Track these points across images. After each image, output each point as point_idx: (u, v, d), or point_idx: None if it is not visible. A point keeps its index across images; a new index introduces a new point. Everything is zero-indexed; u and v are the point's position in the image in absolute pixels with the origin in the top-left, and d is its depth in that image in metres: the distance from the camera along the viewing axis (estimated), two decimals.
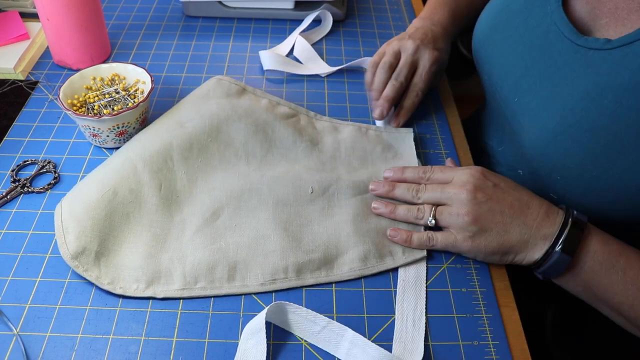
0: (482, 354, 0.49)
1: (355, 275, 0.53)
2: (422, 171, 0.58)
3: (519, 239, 0.51)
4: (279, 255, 0.53)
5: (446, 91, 0.78)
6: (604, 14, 0.53)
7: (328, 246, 0.54)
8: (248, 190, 0.58)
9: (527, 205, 0.51)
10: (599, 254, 0.49)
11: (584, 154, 0.52)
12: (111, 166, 0.57)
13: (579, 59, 0.52)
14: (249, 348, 0.47)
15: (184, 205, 0.57)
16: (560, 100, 0.54)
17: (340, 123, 0.69)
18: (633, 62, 0.48)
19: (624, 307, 0.49)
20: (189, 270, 0.52)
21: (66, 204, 0.54)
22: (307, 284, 0.53)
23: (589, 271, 0.49)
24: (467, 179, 0.53)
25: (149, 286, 0.51)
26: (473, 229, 0.51)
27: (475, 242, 0.52)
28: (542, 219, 0.51)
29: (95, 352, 0.47)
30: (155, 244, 0.53)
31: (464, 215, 0.51)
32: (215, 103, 0.65)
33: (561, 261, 0.49)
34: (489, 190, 0.52)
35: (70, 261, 0.51)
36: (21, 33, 0.79)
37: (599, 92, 0.50)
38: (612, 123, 0.49)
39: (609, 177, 0.51)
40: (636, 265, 0.49)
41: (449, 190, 0.54)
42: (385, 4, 0.97)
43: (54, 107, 0.70)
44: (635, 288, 0.48)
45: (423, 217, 0.55)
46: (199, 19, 0.89)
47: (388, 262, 0.54)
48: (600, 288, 0.49)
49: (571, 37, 0.53)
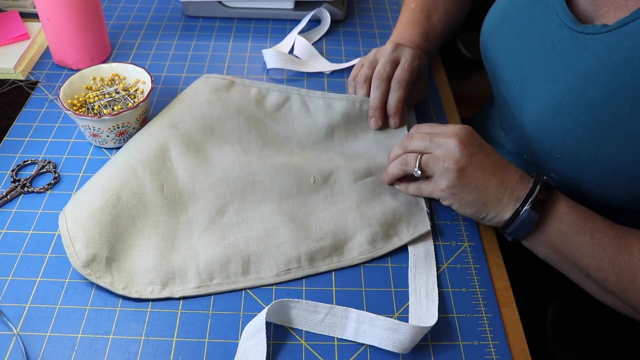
0: (482, 354, 0.49)
1: (366, 258, 0.55)
2: (413, 129, 0.60)
3: (494, 197, 0.52)
4: (291, 246, 0.54)
5: (446, 91, 0.79)
6: (604, 3, 0.55)
7: (336, 233, 0.56)
8: (251, 184, 0.58)
9: (505, 167, 0.53)
10: (567, 216, 0.51)
11: (582, 131, 0.53)
12: (110, 172, 0.57)
13: (577, 43, 0.54)
14: (249, 348, 0.47)
15: (188, 204, 0.57)
16: (559, 82, 0.55)
17: (334, 97, 0.69)
18: (627, 41, 0.49)
19: (591, 269, 0.51)
20: (203, 267, 0.52)
21: (69, 213, 0.53)
22: (320, 271, 0.54)
23: (558, 232, 0.51)
24: (456, 132, 0.55)
25: (165, 287, 0.51)
26: (454, 177, 0.52)
27: (452, 191, 0.53)
28: (517, 181, 0.53)
29: (95, 352, 0.47)
30: (164, 244, 0.53)
31: (450, 162, 0.52)
32: (206, 102, 0.65)
33: (530, 219, 0.51)
34: (475, 146, 0.54)
35: (82, 270, 0.50)
36: (21, 33, 0.79)
37: (595, 71, 0.52)
38: (608, 100, 0.51)
39: (606, 155, 0.53)
40: (602, 227, 0.51)
41: (437, 139, 0.54)
42: (385, 4, 0.97)
43: (54, 107, 0.70)
44: (602, 249, 0.50)
45: (409, 164, 0.56)
46: (199, 19, 0.89)
47: (395, 242, 0.56)
48: (569, 250, 0.51)
49: (571, 25, 0.55)
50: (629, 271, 0.49)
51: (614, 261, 0.50)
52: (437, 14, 0.78)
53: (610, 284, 0.51)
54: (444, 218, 0.60)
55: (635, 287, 0.50)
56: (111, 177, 0.56)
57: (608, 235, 0.51)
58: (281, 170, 0.60)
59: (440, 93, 0.78)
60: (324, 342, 0.49)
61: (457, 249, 0.57)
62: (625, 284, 0.50)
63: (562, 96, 0.55)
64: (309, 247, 0.54)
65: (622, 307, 0.53)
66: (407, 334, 0.47)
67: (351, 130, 0.68)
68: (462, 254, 0.57)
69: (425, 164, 0.54)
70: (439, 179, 0.54)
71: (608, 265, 0.50)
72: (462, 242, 0.58)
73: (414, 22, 0.76)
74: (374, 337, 0.48)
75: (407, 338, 0.47)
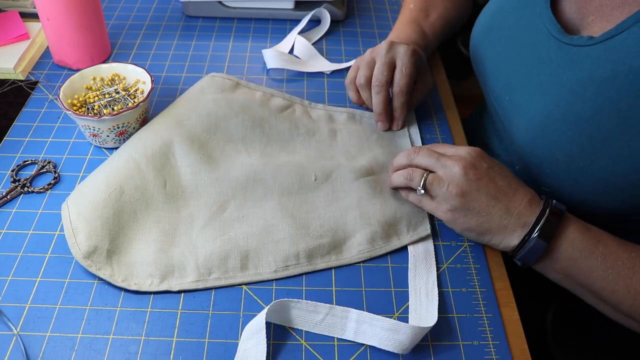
0: (482, 354, 0.49)
1: (364, 257, 0.55)
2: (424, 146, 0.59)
3: (498, 223, 0.51)
4: (289, 242, 0.54)
5: (446, 91, 0.78)
6: (590, 12, 0.55)
7: (336, 230, 0.56)
8: (253, 180, 0.59)
9: (514, 191, 0.52)
10: (578, 241, 0.50)
11: (570, 146, 0.53)
12: (114, 165, 0.57)
13: (564, 55, 0.54)
14: (249, 348, 0.47)
15: (189, 200, 0.57)
16: (546, 95, 0.55)
17: (335, 110, 0.71)
18: (613, 54, 0.49)
19: (605, 293, 0.49)
20: (201, 262, 0.52)
21: (72, 205, 0.54)
22: (319, 269, 0.54)
23: (568, 258, 0.50)
24: (463, 155, 0.54)
25: (163, 280, 0.51)
26: (456, 202, 0.52)
27: (454, 215, 0.52)
28: (524, 207, 0.51)
29: (95, 352, 0.47)
30: (165, 239, 0.54)
31: (453, 186, 0.52)
32: (211, 100, 0.66)
33: (538, 247, 0.50)
34: (481, 170, 0.52)
35: (83, 261, 0.51)
36: (21, 33, 0.79)
37: (582, 85, 0.51)
38: (595, 114, 0.51)
39: (595, 168, 0.52)
40: (614, 251, 0.49)
41: (444, 161, 0.54)
42: (385, 4, 0.97)
43: (54, 107, 0.70)
44: (615, 273, 0.48)
45: (414, 180, 0.55)
46: (199, 19, 0.89)
47: (394, 242, 0.56)
48: (581, 275, 0.50)
49: (558, 35, 0.55)
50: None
51: (628, 285, 0.48)
52: (436, 12, 0.78)
53: (626, 308, 0.49)
54: None
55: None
56: (115, 170, 0.57)
57: (621, 257, 0.49)
58: (283, 168, 0.60)
59: (441, 93, 0.78)
60: (324, 342, 0.49)
61: (457, 249, 0.57)
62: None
63: (550, 111, 0.54)
64: (307, 245, 0.54)
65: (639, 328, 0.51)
66: (407, 334, 0.47)
67: (353, 131, 0.68)
68: (462, 254, 0.57)
69: (429, 184, 0.53)
70: (442, 201, 0.53)
71: (623, 289, 0.48)
72: (462, 242, 0.58)
73: (412, 21, 0.76)
74: (374, 338, 0.48)
75: (407, 338, 0.47)
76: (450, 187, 0.52)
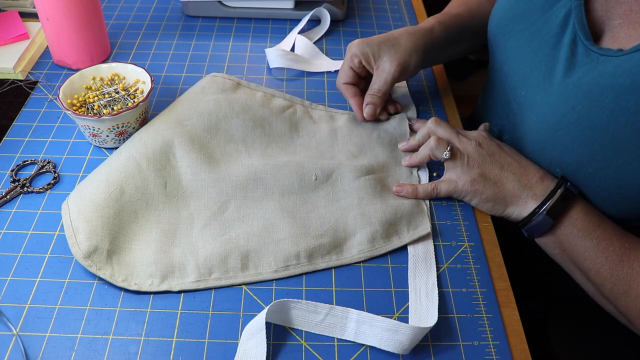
0: (482, 354, 0.49)
1: (365, 257, 0.55)
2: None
3: (512, 192, 0.56)
4: (290, 242, 0.54)
5: (446, 91, 0.78)
6: (618, 15, 0.54)
7: (336, 230, 0.56)
8: (253, 180, 0.59)
9: (524, 168, 0.57)
10: (579, 221, 0.54)
11: (581, 151, 0.54)
12: (115, 165, 0.57)
13: (589, 61, 0.54)
14: (249, 348, 0.47)
15: (190, 200, 0.57)
16: (563, 97, 0.55)
17: (336, 112, 0.71)
18: (636, 66, 0.49)
19: (591, 273, 0.53)
20: (202, 262, 0.52)
21: (72, 204, 0.54)
22: (319, 269, 0.54)
23: (567, 234, 0.54)
24: (476, 135, 0.60)
25: (164, 280, 0.51)
26: (475, 174, 0.57)
27: (474, 186, 0.57)
28: (536, 181, 0.56)
29: (95, 352, 0.47)
30: (165, 239, 0.54)
31: (470, 160, 0.58)
32: (212, 100, 0.66)
33: (544, 222, 0.54)
34: (493, 147, 0.59)
35: (83, 260, 0.51)
36: (21, 33, 0.79)
37: (601, 92, 0.51)
38: (611, 123, 0.51)
39: (603, 175, 0.53)
40: (609, 237, 0.53)
41: (461, 137, 0.60)
42: (385, 4, 0.97)
43: (54, 107, 0.70)
44: (604, 257, 0.52)
45: (439, 148, 0.59)
46: (199, 18, 0.89)
47: (395, 242, 0.56)
48: (574, 252, 0.54)
49: (587, 42, 0.55)
50: (624, 282, 0.51)
51: (612, 269, 0.51)
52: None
53: (606, 290, 0.52)
54: (444, 218, 0.60)
55: (628, 297, 0.51)
56: (115, 170, 0.57)
57: (614, 244, 0.52)
58: (283, 168, 0.60)
59: (441, 93, 0.78)
60: (324, 342, 0.49)
61: (457, 249, 0.57)
62: (619, 292, 0.51)
63: (565, 113, 0.54)
64: (308, 244, 0.54)
65: (616, 314, 0.54)
66: (407, 335, 0.47)
67: (354, 130, 0.68)
68: (462, 254, 0.57)
69: (453, 155, 0.58)
70: (461, 175, 0.58)
71: (606, 273, 0.52)
72: (462, 242, 0.58)
73: (412, 33, 0.70)
74: (374, 338, 0.48)
75: (407, 339, 0.47)
76: (469, 160, 0.58)
